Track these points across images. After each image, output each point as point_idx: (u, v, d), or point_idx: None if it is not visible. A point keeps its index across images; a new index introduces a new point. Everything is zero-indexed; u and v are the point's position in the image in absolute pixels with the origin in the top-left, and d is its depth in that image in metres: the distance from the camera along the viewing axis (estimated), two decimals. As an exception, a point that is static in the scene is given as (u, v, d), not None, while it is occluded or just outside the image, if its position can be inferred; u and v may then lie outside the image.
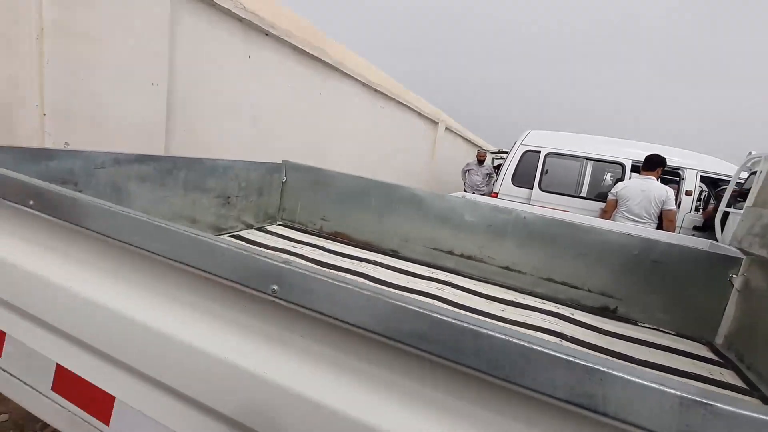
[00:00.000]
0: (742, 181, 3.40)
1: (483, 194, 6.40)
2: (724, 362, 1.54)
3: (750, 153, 3.14)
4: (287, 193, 2.64)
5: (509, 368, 0.45)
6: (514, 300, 1.97)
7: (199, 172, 1.96)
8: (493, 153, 8.89)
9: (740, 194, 3.33)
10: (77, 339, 0.78)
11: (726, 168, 4.32)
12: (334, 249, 2.30)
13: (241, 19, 2.63)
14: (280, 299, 0.56)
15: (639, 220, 3.55)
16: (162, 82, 2.19)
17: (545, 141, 4.97)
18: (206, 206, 2.03)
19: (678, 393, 0.39)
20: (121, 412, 0.75)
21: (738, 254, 1.75)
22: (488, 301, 1.92)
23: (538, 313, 1.84)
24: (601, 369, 0.41)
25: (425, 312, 0.49)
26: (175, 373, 0.68)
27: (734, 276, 1.69)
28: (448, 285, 2.03)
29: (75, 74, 1.81)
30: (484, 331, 0.46)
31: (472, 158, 6.97)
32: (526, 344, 0.44)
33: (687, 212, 4.22)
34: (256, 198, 2.41)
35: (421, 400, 0.54)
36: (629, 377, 0.40)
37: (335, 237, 2.55)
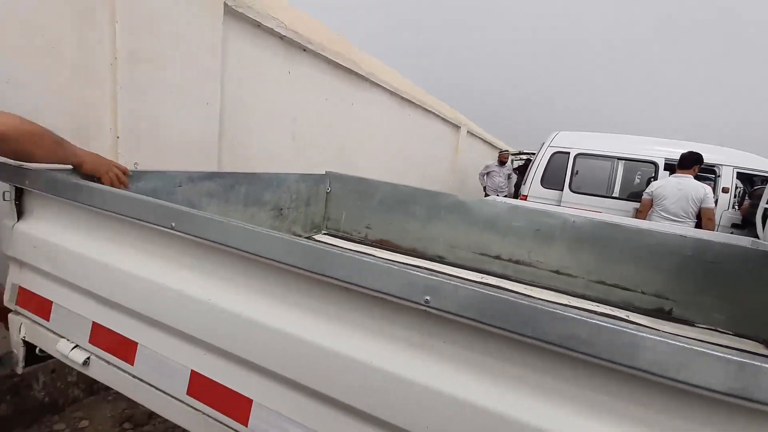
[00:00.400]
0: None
1: (505, 196, 6.39)
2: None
3: (793, 148, 3.09)
4: (331, 202, 2.72)
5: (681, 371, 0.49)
6: (568, 303, 1.99)
7: (257, 186, 2.05)
8: (513, 154, 8.88)
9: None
10: (213, 346, 0.85)
11: (763, 164, 4.24)
12: (380, 256, 2.36)
13: (282, 37, 2.74)
14: (432, 308, 0.62)
15: (676, 219, 3.52)
16: (215, 101, 2.30)
17: (574, 142, 4.96)
18: (263, 219, 2.12)
19: None
20: (259, 413, 0.82)
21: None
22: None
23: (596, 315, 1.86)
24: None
25: (572, 317, 0.55)
26: (316, 376, 0.74)
27: (796, 275, 1.69)
28: (499, 289, 2.07)
29: (142, 98, 1.93)
30: (641, 334, 0.51)
31: (492, 161, 6.94)
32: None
33: (724, 210, 4.15)
34: (304, 209, 2.49)
35: (566, 398, 0.59)
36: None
37: (380, 244, 2.61)
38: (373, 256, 0.68)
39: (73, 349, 1.05)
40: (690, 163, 3.58)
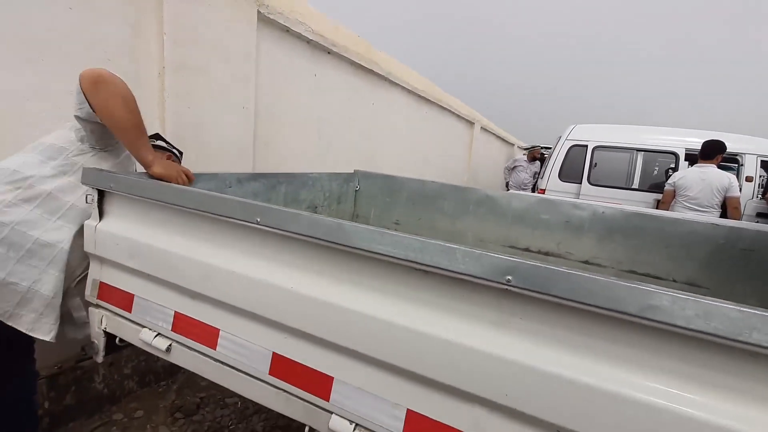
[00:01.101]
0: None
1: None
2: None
3: (820, 135, 3.08)
4: (360, 200, 2.80)
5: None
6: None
7: (294, 186, 2.14)
8: (525, 149, 8.87)
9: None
10: (295, 329, 0.93)
11: (787, 151, 4.20)
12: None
13: (309, 41, 2.82)
14: (514, 287, 0.69)
15: (701, 209, 3.52)
16: (250, 105, 2.39)
17: (592, 134, 4.97)
18: (302, 216, 2.21)
19: None
20: (340, 389, 0.89)
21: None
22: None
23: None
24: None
25: (649, 289, 0.61)
26: (398, 354, 0.81)
27: (830, 259, 1.72)
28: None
29: (186, 104, 2.03)
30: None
31: (505, 157, 6.97)
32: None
33: (749, 199, 4.13)
34: (336, 206, 2.58)
35: (643, 366, 0.66)
36: None
37: (410, 240, 2.68)
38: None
39: (155, 337, 1.14)
40: (712, 152, 3.57)
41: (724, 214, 3.53)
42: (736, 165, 4.28)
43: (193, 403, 2.11)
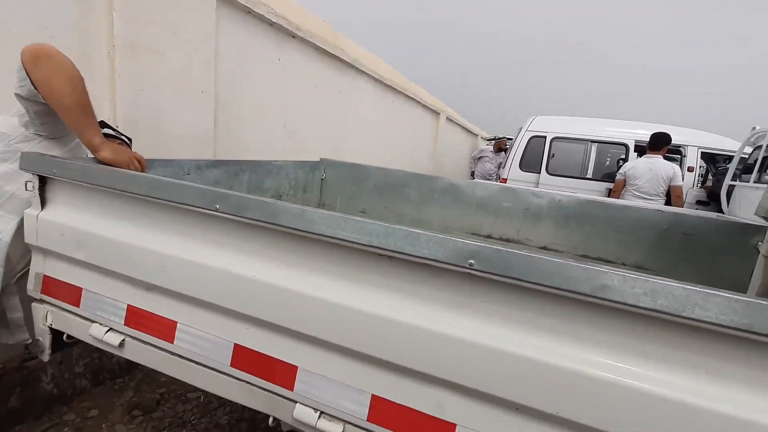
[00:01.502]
0: (746, 155, 3.61)
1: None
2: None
3: (754, 128, 3.34)
4: (326, 188, 2.77)
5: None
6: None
7: (258, 174, 2.08)
8: (488, 140, 9.06)
9: (744, 169, 3.54)
10: (257, 319, 0.91)
11: (725, 144, 4.54)
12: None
13: (272, 24, 2.72)
14: (477, 271, 0.71)
15: (648, 197, 3.75)
16: (210, 89, 2.29)
17: (550, 126, 5.15)
18: (265, 205, 2.15)
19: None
20: (305, 378, 0.88)
21: (761, 223, 1.93)
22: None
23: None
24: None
25: (603, 270, 0.64)
26: (363, 340, 0.81)
27: (760, 243, 1.88)
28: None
29: (139, 86, 1.91)
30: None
31: (470, 147, 7.06)
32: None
33: (690, 188, 4.44)
34: (302, 195, 2.53)
35: (596, 342, 0.69)
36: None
37: (376, 228, 2.68)
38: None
39: (107, 332, 1.08)
40: (660, 144, 3.80)
41: (669, 202, 3.78)
42: (680, 156, 4.58)
43: (152, 400, 2.03)
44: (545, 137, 5.08)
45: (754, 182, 3.18)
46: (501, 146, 6.91)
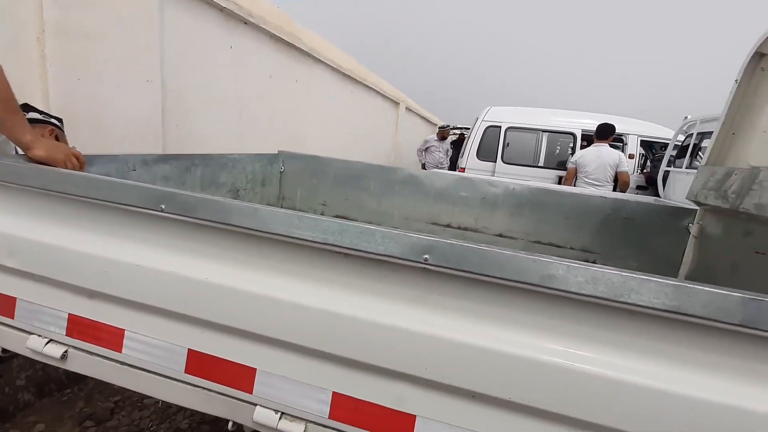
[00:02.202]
0: (680, 143, 3.90)
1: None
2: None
3: (686, 117, 3.61)
4: (286, 181, 2.70)
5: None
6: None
7: (212, 168, 2.00)
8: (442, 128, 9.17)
9: (677, 155, 3.84)
10: (211, 323, 0.88)
11: (661, 132, 4.88)
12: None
13: (222, 9, 2.59)
14: (432, 265, 0.72)
15: (597, 183, 3.97)
16: (156, 79, 2.16)
17: (504, 116, 5.30)
18: (220, 201, 2.07)
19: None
20: (264, 380, 0.87)
21: (691, 206, 2.10)
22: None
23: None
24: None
25: (549, 260, 0.68)
26: (322, 339, 0.81)
27: (691, 224, 2.05)
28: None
29: (76, 75, 1.76)
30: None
31: (431, 136, 7.07)
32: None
33: (630, 174, 4.74)
34: (260, 189, 2.46)
35: (544, 329, 0.73)
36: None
37: (337, 221, 2.66)
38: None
39: (47, 344, 1.01)
40: (606, 134, 4.04)
41: (616, 188, 4.03)
42: (621, 144, 4.88)
43: (106, 409, 1.93)
44: (500, 127, 5.23)
45: (686, 168, 3.45)
46: (444, 134, 6.93)
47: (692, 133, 3.49)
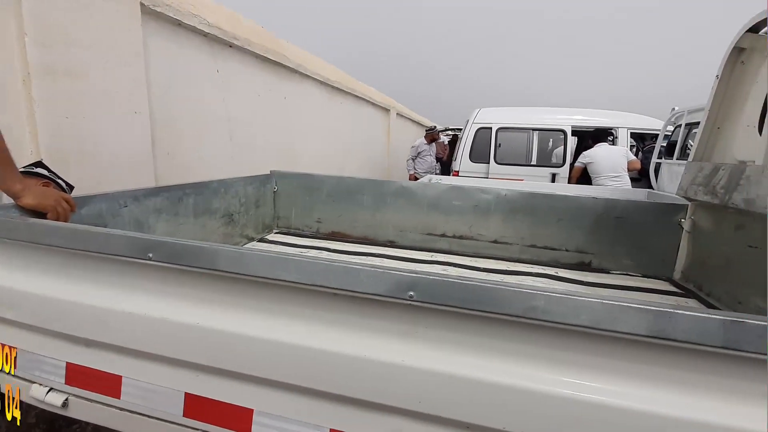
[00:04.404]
0: (669, 134, 3.93)
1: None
2: (686, 293, 1.91)
3: (673, 109, 3.64)
4: (280, 201, 2.72)
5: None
6: (507, 269, 2.23)
7: (205, 195, 2.01)
8: (429, 129, 9.07)
9: (667, 147, 3.87)
10: (206, 366, 0.89)
11: (650, 123, 4.91)
12: (334, 248, 2.45)
13: (206, 35, 2.61)
14: (417, 302, 0.73)
15: (615, 175, 4.12)
16: (143, 109, 2.17)
17: (495, 117, 5.33)
18: (215, 227, 2.08)
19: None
20: (262, 420, 0.88)
21: (683, 201, 2.12)
22: (487, 273, 2.17)
23: (530, 276, 2.12)
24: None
25: (530, 292, 0.69)
26: (316, 377, 0.82)
27: (683, 220, 2.06)
28: (449, 265, 2.26)
29: (63, 114, 1.78)
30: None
31: (419, 140, 6.53)
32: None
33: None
34: (254, 210, 2.47)
35: (530, 357, 0.74)
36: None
37: (332, 236, 2.68)
38: (355, 257, 0.76)
39: (48, 393, 1.02)
40: (603, 136, 4.43)
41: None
42: (612, 137, 4.90)
43: (111, 443, 1.93)
44: (491, 128, 5.25)
45: (677, 159, 3.47)
46: (434, 137, 6.40)
47: (681, 124, 3.51)
